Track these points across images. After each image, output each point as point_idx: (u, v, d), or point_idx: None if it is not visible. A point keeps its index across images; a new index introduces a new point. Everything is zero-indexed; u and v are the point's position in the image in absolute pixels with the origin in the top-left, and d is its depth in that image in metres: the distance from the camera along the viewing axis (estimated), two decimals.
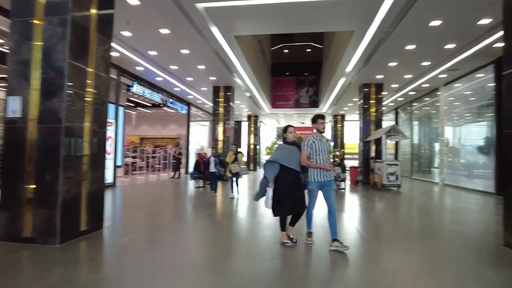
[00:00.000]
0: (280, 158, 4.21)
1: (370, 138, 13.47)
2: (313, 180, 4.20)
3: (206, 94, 16.19)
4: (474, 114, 11.99)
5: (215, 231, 5.44)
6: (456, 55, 10.00)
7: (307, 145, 4.19)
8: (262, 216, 6.40)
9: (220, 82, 14.37)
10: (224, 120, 14.83)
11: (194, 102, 19.18)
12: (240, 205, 7.84)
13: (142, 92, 13.45)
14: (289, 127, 4.35)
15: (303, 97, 20.98)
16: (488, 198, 9.75)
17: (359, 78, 13.09)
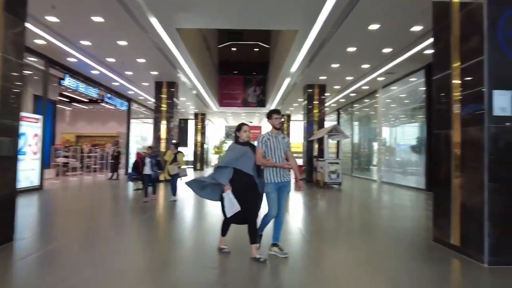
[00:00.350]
0: (232, 161, 3.76)
1: (313, 137, 13.79)
2: (270, 181, 3.76)
3: (149, 90, 15.35)
4: (408, 115, 12.84)
5: (150, 237, 5.02)
6: (392, 59, 10.56)
7: (261, 143, 3.78)
8: (202, 219, 6.09)
9: (163, 78, 13.69)
10: (168, 117, 14.17)
11: (135, 98, 18.14)
12: (180, 209, 7.42)
13: (75, 86, 12.29)
14: (243, 126, 3.89)
15: (251, 96, 20.95)
16: (420, 194, 10.46)
17: (304, 79, 13.32)
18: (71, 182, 13.02)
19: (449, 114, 4.20)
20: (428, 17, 7.01)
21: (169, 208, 7.45)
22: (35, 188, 10.05)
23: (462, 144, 3.94)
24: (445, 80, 4.31)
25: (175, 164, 8.02)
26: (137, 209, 7.36)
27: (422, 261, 3.83)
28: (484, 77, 3.60)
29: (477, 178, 3.66)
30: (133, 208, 7.57)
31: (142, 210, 7.05)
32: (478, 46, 3.71)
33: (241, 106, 21.08)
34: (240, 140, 3.88)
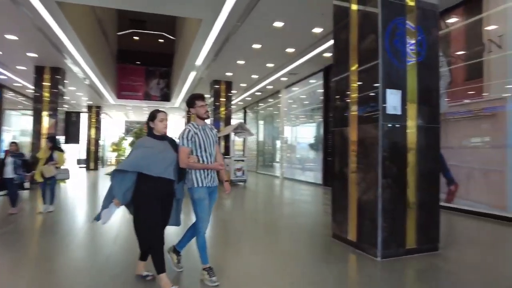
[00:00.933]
0: (142, 163, 2.77)
1: (220, 134, 13.48)
2: (199, 185, 2.98)
3: (27, 76, 12.87)
4: (308, 115, 13.54)
5: (11, 260, 3.92)
6: (295, 59, 10.90)
7: (187, 139, 2.96)
8: (90, 236, 5.13)
9: (45, 62, 11.60)
10: (51, 108, 12.10)
11: (9, 85, 15.09)
12: (56, 222, 6.10)
13: None
14: (159, 113, 2.98)
15: (154, 89, 19.54)
16: (318, 188, 11.06)
17: (210, 74, 12.89)
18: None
19: (346, 113, 4.28)
20: (328, 19, 7.31)
21: (39, 222, 6.11)
22: None
23: (358, 141, 4.04)
24: (344, 80, 4.38)
25: (51, 164, 6.40)
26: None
27: (322, 260, 3.78)
28: (379, 79, 3.71)
29: (371, 174, 3.76)
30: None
31: (2, 223, 5.63)
32: (374, 50, 3.81)
33: (142, 99, 19.49)
34: (156, 132, 2.96)
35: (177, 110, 23.00)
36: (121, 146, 23.98)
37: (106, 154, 26.35)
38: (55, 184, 6.67)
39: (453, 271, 3.40)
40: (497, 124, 6.04)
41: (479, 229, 5.35)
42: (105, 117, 25.78)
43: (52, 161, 6.39)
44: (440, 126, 4.04)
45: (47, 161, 6.40)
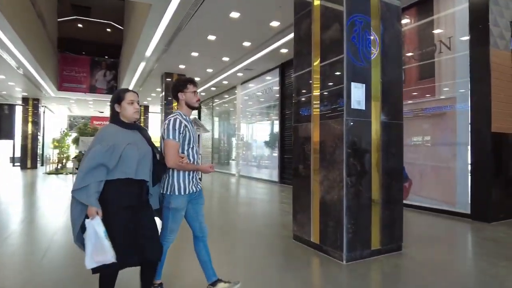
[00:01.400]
0: (108, 158, 2.06)
1: None
2: (180, 192, 2.42)
3: None
4: (263, 113, 13.31)
5: None
6: (251, 54, 10.58)
7: (178, 131, 2.36)
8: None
9: None
10: None
11: None
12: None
13: None
14: (128, 93, 2.25)
15: (100, 82, 18.09)
16: (274, 186, 10.88)
17: (161, 66, 12.12)
18: None
19: (308, 108, 4.03)
20: (286, 13, 7.12)
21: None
22: None
23: (320, 138, 3.81)
24: (306, 75, 4.12)
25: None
26: None
27: (284, 266, 3.48)
28: (344, 73, 3.50)
29: (335, 172, 3.55)
30: None
31: None
32: (338, 44, 3.59)
33: (87, 91, 17.97)
34: (123, 118, 2.26)
35: None
36: (63, 143, 21.96)
37: (47, 151, 23.98)
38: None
39: (419, 272, 3.29)
40: (447, 123, 6.23)
41: (434, 225, 5.44)
42: (45, 111, 23.45)
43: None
44: (403, 122, 3.95)
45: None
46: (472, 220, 5.51)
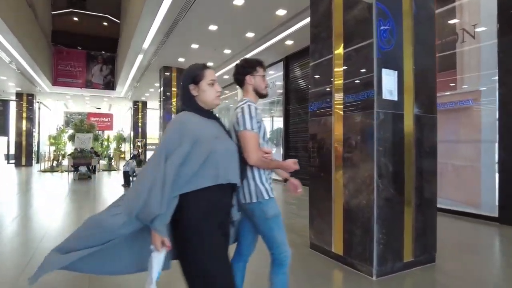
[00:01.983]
0: (195, 160, 1.51)
1: None
2: (270, 195, 1.88)
3: None
4: (266, 109, 12.80)
5: None
6: (254, 46, 10.07)
7: (256, 119, 1.87)
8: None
9: None
10: None
11: None
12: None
13: None
14: (207, 71, 1.77)
15: (96, 76, 17.50)
16: (278, 185, 10.41)
17: (159, 59, 11.59)
18: None
19: (329, 100, 3.54)
20: (294, 0, 6.63)
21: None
22: None
23: (344, 133, 3.32)
24: (325, 63, 3.63)
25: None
26: None
27: (302, 282, 3.00)
28: (374, 59, 3.00)
29: (363, 173, 3.06)
30: None
31: None
32: (365, 27, 3.09)
33: (83, 87, 17.37)
34: (202, 104, 1.73)
35: (123, 100, 21.07)
36: (60, 140, 21.39)
37: (43, 148, 23.39)
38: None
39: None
40: (470, 118, 5.76)
41: (461, 230, 4.98)
42: (41, 107, 22.85)
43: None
44: (437, 116, 3.47)
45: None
46: (499, 224, 5.05)
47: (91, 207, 6.71)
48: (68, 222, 5.47)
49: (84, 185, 10.24)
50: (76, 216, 5.87)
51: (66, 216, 5.90)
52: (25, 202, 7.55)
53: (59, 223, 5.29)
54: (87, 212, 6.08)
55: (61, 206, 6.67)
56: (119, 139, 25.11)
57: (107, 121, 28.40)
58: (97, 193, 8.91)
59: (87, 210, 6.32)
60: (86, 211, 6.26)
